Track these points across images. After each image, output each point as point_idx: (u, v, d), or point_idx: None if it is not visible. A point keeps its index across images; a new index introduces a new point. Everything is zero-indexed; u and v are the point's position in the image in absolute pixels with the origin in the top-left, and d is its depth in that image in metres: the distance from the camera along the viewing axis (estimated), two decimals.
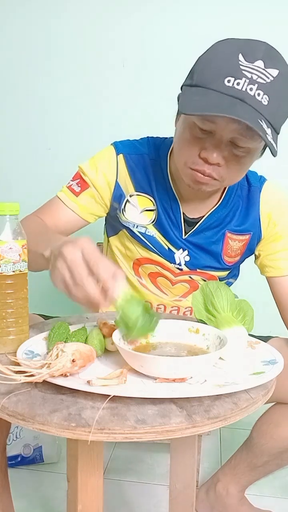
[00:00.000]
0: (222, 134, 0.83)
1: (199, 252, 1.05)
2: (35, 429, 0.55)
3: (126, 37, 1.78)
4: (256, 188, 1.04)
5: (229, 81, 0.78)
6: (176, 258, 1.05)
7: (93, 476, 0.64)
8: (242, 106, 0.77)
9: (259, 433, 1.05)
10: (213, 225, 1.04)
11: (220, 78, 0.79)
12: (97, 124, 1.83)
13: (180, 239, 1.04)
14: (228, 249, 1.06)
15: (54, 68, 1.84)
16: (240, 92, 0.78)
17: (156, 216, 1.03)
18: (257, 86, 0.78)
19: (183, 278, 1.08)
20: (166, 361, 0.63)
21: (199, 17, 1.73)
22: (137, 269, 1.11)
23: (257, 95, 0.78)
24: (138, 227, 1.05)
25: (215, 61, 0.81)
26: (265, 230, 1.04)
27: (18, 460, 1.40)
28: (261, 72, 0.78)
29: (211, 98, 0.79)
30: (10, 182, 1.91)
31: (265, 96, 0.78)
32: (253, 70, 0.78)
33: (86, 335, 0.77)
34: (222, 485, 1.16)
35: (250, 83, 0.78)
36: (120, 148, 1.04)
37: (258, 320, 0.85)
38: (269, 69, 0.79)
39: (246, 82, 0.78)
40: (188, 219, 1.04)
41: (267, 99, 0.79)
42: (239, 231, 1.05)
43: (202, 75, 0.82)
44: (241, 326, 0.77)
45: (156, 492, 1.34)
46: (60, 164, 1.87)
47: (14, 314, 0.73)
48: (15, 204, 0.73)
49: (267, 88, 0.78)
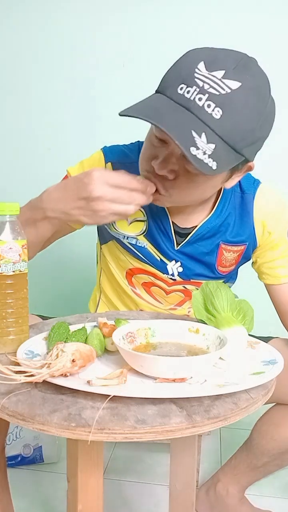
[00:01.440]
0: (175, 146, 0.78)
1: (192, 262, 1.02)
2: (35, 429, 0.55)
3: (126, 37, 1.78)
4: (249, 195, 0.99)
5: (182, 88, 0.74)
6: (169, 269, 1.03)
7: (93, 476, 0.64)
8: (181, 115, 0.72)
9: (259, 434, 1.05)
10: (206, 235, 1.00)
11: (176, 85, 0.75)
12: (97, 124, 1.83)
13: (172, 251, 1.01)
14: (223, 260, 1.03)
15: (54, 68, 1.83)
16: (188, 101, 0.73)
17: (147, 226, 1.00)
18: (207, 97, 0.72)
19: (177, 287, 1.06)
20: (166, 361, 0.63)
21: (200, 17, 1.73)
22: (130, 279, 1.08)
23: (206, 106, 0.72)
24: (129, 238, 1.02)
25: (178, 68, 0.77)
26: (260, 238, 1.01)
27: (18, 460, 1.40)
28: (215, 82, 0.72)
29: (156, 103, 0.76)
30: (10, 182, 1.91)
31: (217, 109, 0.72)
32: (207, 79, 0.72)
33: (86, 335, 0.77)
34: (222, 485, 1.16)
35: (199, 93, 0.72)
36: (109, 156, 1.01)
37: (258, 320, 0.85)
38: (228, 80, 0.72)
39: (196, 91, 0.72)
40: (179, 230, 1.00)
41: (220, 112, 0.72)
42: (234, 242, 1.01)
43: (163, 82, 0.79)
44: (241, 326, 0.77)
45: (156, 492, 1.34)
46: (60, 164, 1.86)
47: (14, 314, 0.73)
48: (15, 204, 0.73)
49: (221, 100, 0.72)
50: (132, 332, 0.74)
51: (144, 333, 0.76)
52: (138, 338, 0.75)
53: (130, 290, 1.09)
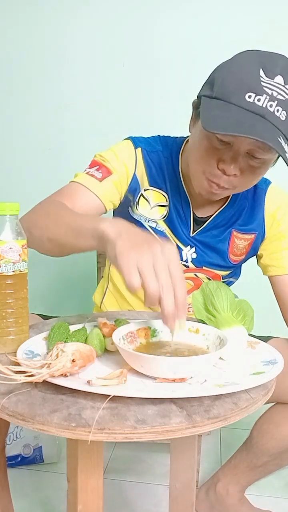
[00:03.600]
0: (240, 146, 0.86)
1: (206, 250, 1.08)
2: (35, 429, 0.55)
3: (126, 37, 1.78)
4: (262, 189, 1.08)
5: (250, 96, 0.81)
6: (183, 255, 1.07)
7: (93, 476, 0.64)
8: (263, 124, 0.80)
9: (259, 433, 1.05)
10: (220, 224, 1.07)
11: (242, 93, 0.81)
12: (97, 124, 1.83)
13: (188, 237, 1.06)
14: (234, 248, 1.08)
15: (54, 68, 1.84)
16: (261, 109, 0.81)
17: (168, 212, 1.06)
18: (276, 103, 0.81)
19: (189, 275, 1.09)
20: (166, 361, 0.63)
21: (200, 17, 1.73)
22: None
23: (276, 111, 0.81)
24: (149, 222, 1.06)
25: (236, 74, 0.83)
26: (269, 229, 1.07)
27: (18, 460, 1.40)
28: (281, 89, 0.81)
29: (233, 114, 0.81)
30: (10, 182, 1.91)
31: (284, 112, 0.82)
32: (273, 87, 0.81)
33: (86, 335, 0.77)
34: (222, 485, 1.16)
35: (270, 100, 0.81)
36: (138, 143, 1.06)
37: (258, 320, 0.85)
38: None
39: (267, 99, 0.81)
40: (196, 218, 1.07)
41: (285, 114, 0.82)
42: (245, 230, 1.08)
43: (223, 88, 0.84)
44: (241, 326, 0.77)
45: (156, 492, 1.34)
46: (60, 164, 1.87)
47: (14, 314, 0.73)
48: (15, 204, 0.73)
49: (286, 104, 0.82)
50: (132, 332, 0.74)
51: (144, 333, 0.76)
52: (138, 338, 0.75)
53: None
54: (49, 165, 1.89)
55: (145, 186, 1.05)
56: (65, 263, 1.95)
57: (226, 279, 1.15)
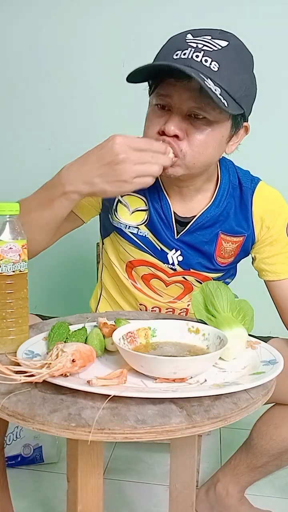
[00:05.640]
0: (178, 106, 0.86)
1: (192, 252, 1.04)
2: (35, 429, 0.55)
3: (126, 37, 1.78)
4: (248, 189, 1.03)
5: (177, 54, 0.83)
6: (169, 258, 1.04)
7: (93, 476, 0.64)
8: (186, 69, 0.79)
9: (259, 434, 1.05)
10: (205, 225, 1.02)
11: (170, 54, 0.84)
12: (97, 124, 1.82)
13: (172, 240, 1.03)
14: (221, 250, 1.04)
15: (54, 68, 1.83)
16: (186, 60, 0.81)
17: (148, 216, 1.03)
18: (203, 53, 0.81)
19: (177, 278, 1.06)
20: (166, 361, 0.63)
21: (199, 16, 1.73)
22: (130, 272, 1.09)
23: (204, 61, 0.81)
24: (130, 228, 1.04)
25: (167, 44, 0.88)
26: (259, 233, 1.03)
27: (18, 460, 1.40)
28: (207, 42, 0.82)
29: (158, 65, 0.85)
30: (10, 182, 1.91)
31: (214, 62, 0.81)
32: (199, 41, 0.82)
33: (86, 335, 0.77)
34: (222, 485, 1.16)
35: (195, 51, 0.81)
36: None
37: (258, 320, 0.85)
38: (216, 40, 0.83)
39: (192, 51, 0.81)
40: (180, 219, 1.02)
41: (217, 65, 0.81)
42: (233, 233, 1.03)
43: (156, 58, 0.88)
44: (241, 326, 0.77)
45: (156, 492, 1.34)
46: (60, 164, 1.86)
47: (14, 314, 0.73)
48: (15, 204, 0.73)
49: (215, 55, 0.81)
50: (132, 332, 0.74)
51: (144, 333, 0.76)
52: (138, 338, 0.75)
53: (130, 284, 1.10)
54: (48, 165, 1.88)
55: None
56: (65, 264, 1.95)
57: (220, 281, 1.12)
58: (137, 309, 1.11)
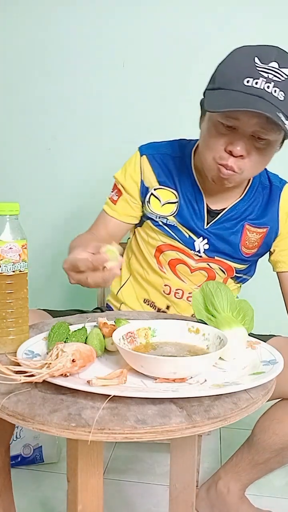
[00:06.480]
0: (244, 129, 0.93)
1: (219, 241, 1.12)
2: (35, 429, 0.55)
3: (126, 37, 1.78)
4: (277, 187, 1.14)
5: (248, 81, 0.89)
6: (196, 245, 1.13)
7: (93, 476, 0.64)
8: (262, 102, 0.87)
9: (261, 430, 1.06)
10: (233, 217, 1.13)
11: (240, 79, 0.89)
12: (97, 124, 1.83)
13: (201, 229, 1.12)
14: (246, 241, 1.13)
15: (54, 68, 1.83)
16: (259, 90, 0.88)
17: (178, 208, 1.12)
18: (273, 84, 0.88)
19: (202, 265, 1.14)
20: (166, 361, 0.63)
21: (199, 17, 1.73)
22: (158, 256, 1.17)
23: (273, 92, 0.88)
24: (160, 218, 1.14)
25: (234, 65, 0.92)
26: (283, 226, 1.13)
27: (18, 460, 1.40)
28: (276, 71, 0.89)
29: (233, 96, 0.90)
30: (10, 182, 1.91)
31: (281, 92, 0.89)
32: (269, 70, 0.89)
33: (86, 335, 0.77)
34: (223, 483, 1.16)
35: (267, 82, 0.88)
36: (143, 150, 1.17)
37: (258, 320, 0.85)
38: (283, 69, 0.89)
39: (264, 81, 0.88)
40: (211, 210, 1.12)
41: (283, 95, 0.89)
42: (257, 224, 1.13)
43: (223, 78, 0.93)
44: (241, 326, 0.77)
45: (156, 492, 1.34)
46: (60, 164, 1.87)
47: (14, 314, 0.73)
48: (15, 204, 0.73)
49: (282, 85, 0.89)
50: (132, 332, 0.74)
51: (144, 333, 0.76)
52: (138, 338, 0.75)
53: (157, 268, 1.17)
54: (48, 165, 1.88)
55: (154, 186, 1.14)
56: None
57: (240, 275, 1.18)
58: (161, 291, 1.17)
